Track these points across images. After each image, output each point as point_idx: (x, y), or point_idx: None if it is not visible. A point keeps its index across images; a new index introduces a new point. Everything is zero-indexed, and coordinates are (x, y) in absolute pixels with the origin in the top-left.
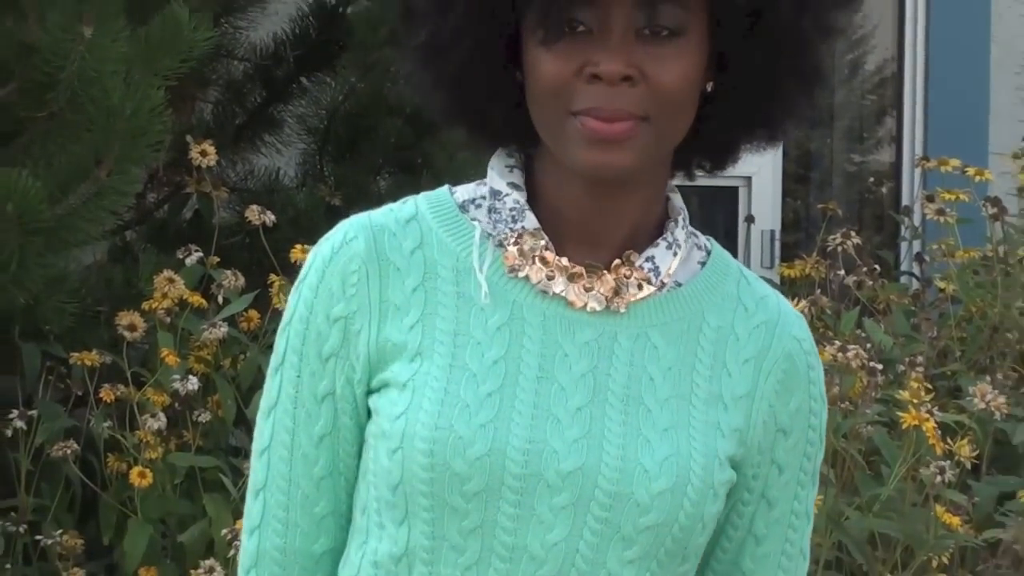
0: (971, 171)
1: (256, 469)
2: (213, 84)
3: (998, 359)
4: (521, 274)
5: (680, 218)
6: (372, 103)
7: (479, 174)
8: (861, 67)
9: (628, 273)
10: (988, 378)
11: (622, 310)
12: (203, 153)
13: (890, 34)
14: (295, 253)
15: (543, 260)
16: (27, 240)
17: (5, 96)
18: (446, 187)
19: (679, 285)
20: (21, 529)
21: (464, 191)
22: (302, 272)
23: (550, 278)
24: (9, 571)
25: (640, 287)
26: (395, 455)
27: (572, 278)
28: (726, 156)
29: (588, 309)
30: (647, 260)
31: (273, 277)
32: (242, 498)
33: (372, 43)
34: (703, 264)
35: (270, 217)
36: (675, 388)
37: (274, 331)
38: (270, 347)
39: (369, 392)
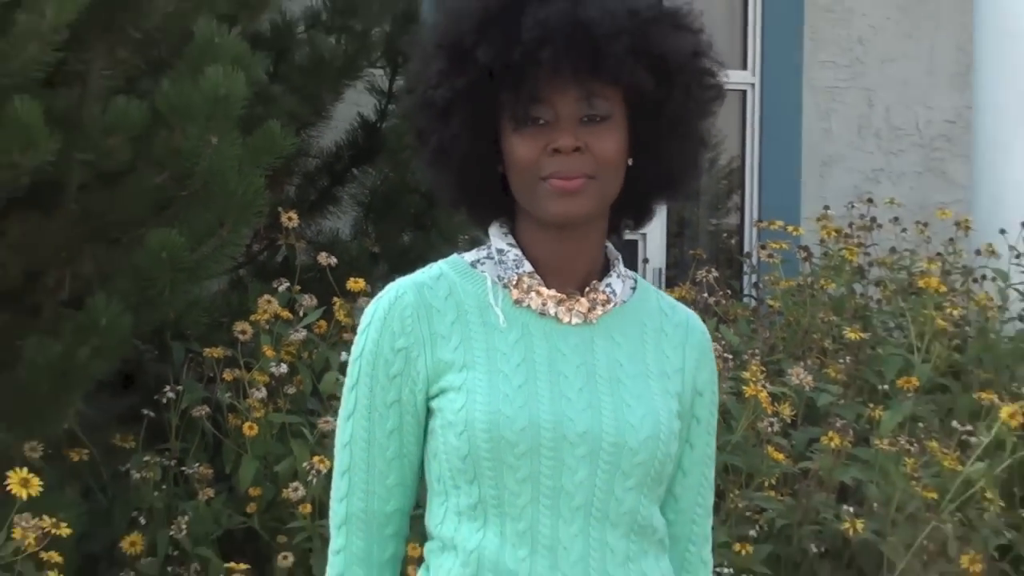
0: (790, 229)
1: (341, 457)
2: (296, 173)
3: (807, 352)
4: (524, 304)
5: (618, 260)
6: (399, 186)
7: (470, 230)
8: (716, 162)
9: (595, 297)
10: (801, 364)
11: (594, 321)
12: (289, 219)
13: (735, 141)
14: (350, 284)
15: (538, 292)
16: (175, 275)
17: (161, 181)
18: (456, 254)
19: (624, 303)
20: (172, 463)
21: (470, 255)
22: (365, 320)
23: (544, 304)
24: (164, 491)
25: (604, 305)
26: (462, 435)
27: (559, 303)
28: (645, 215)
29: (572, 323)
30: (607, 287)
31: (336, 299)
32: (317, 443)
33: (399, 147)
34: (633, 289)
35: (333, 260)
36: (637, 368)
37: (337, 335)
38: (335, 344)
39: (429, 398)
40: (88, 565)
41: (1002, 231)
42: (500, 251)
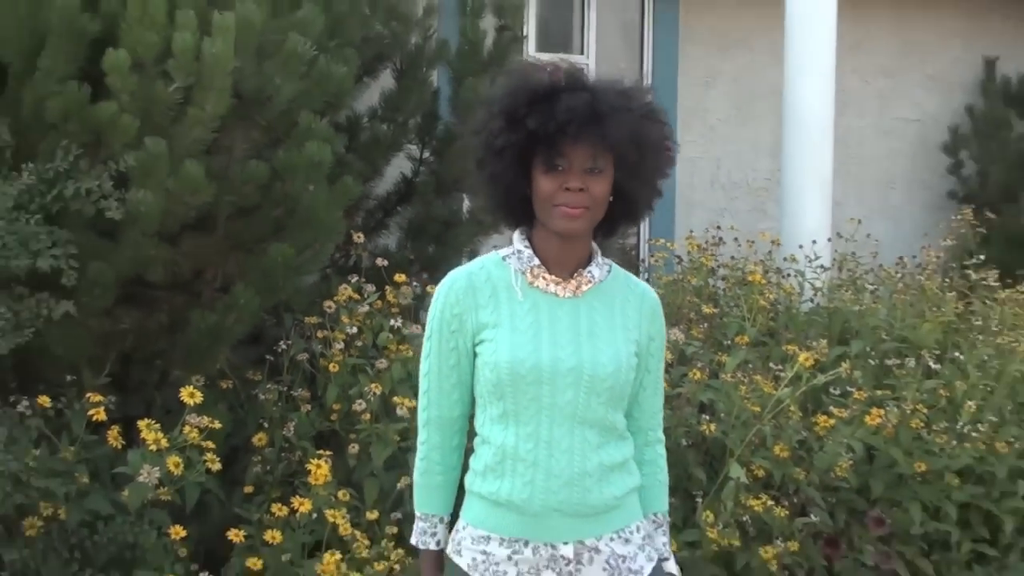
0: (670, 245)
1: (422, 383)
2: (361, 210)
3: (680, 320)
4: (534, 285)
5: (598, 254)
6: (426, 217)
7: (472, 246)
8: None
9: (581, 279)
10: (676, 327)
11: (580, 295)
12: (358, 238)
13: None
14: (396, 278)
15: (543, 278)
16: (287, 272)
17: (278, 214)
18: (494, 251)
19: (601, 282)
20: (284, 389)
21: (503, 252)
22: (435, 295)
23: (547, 285)
24: (279, 407)
25: (587, 284)
26: (493, 370)
27: (557, 284)
28: (615, 231)
29: (565, 297)
30: (589, 272)
31: (387, 287)
32: (375, 376)
33: (426, 193)
34: (608, 272)
35: (385, 263)
36: (607, 325)
37: (388, 310)
38: (387, 316)
39: (474, 345)
40: (231, 453)
41: (800, 246)
42: (519, 251)
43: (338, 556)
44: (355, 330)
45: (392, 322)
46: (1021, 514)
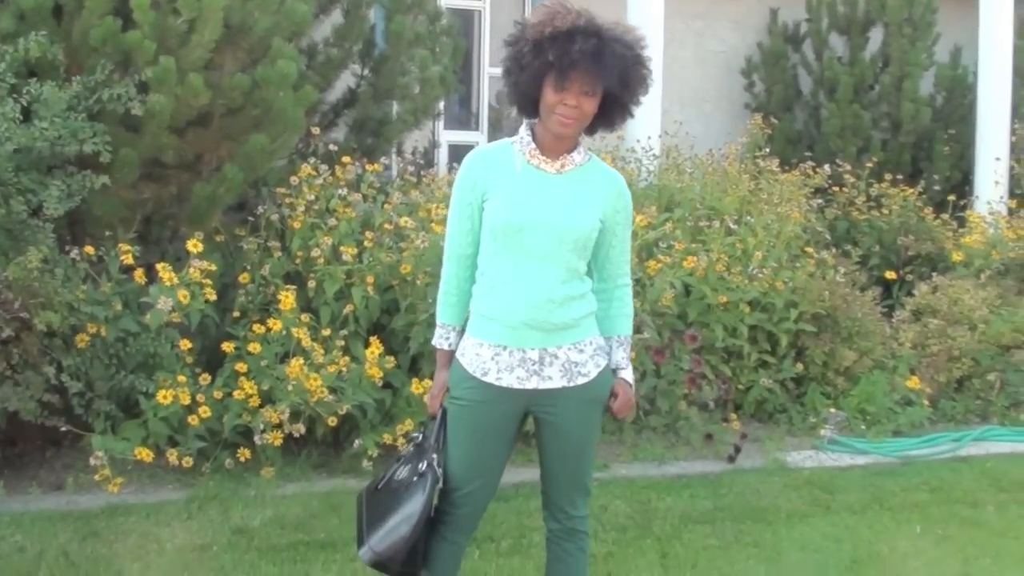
0: None
1: (447, 229)
2: (318, 112)
3: None
4: (531, 163)
5: (581, 146)
6: (365, 119)
7: (399, 137)
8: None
9: (565, 161)
10: None
11: (563, 173)
12: (316, 131)
13: None
14: (343, 159)
15: (538, 158)
16: (263, 156)
17: (257, 113)
18: (507, 137)
19: (581, 166)
20: (261, 241)
21: (512, 138)
22: (461, 167)
23: (539, 164)
24: (258, 254)
25: (569, 166)
26: (493, 221)
27: (547, 163)
28: (593, 133)
29: (552, 173)
30: (572, 157)
31: (336, 168)
32: (327, 232)
33: (365, 101)
34: (588, 159)
35: (334, 148)
36: (580, 196)
37: (335, 183)
38: (339, 186)
39: (482, 203)
40: (223, 289)
41: (638, 140)
42: (522, 138)
43: (301, 361)
44: (313, 198)
45: (340, 192)
46: (792, 333)
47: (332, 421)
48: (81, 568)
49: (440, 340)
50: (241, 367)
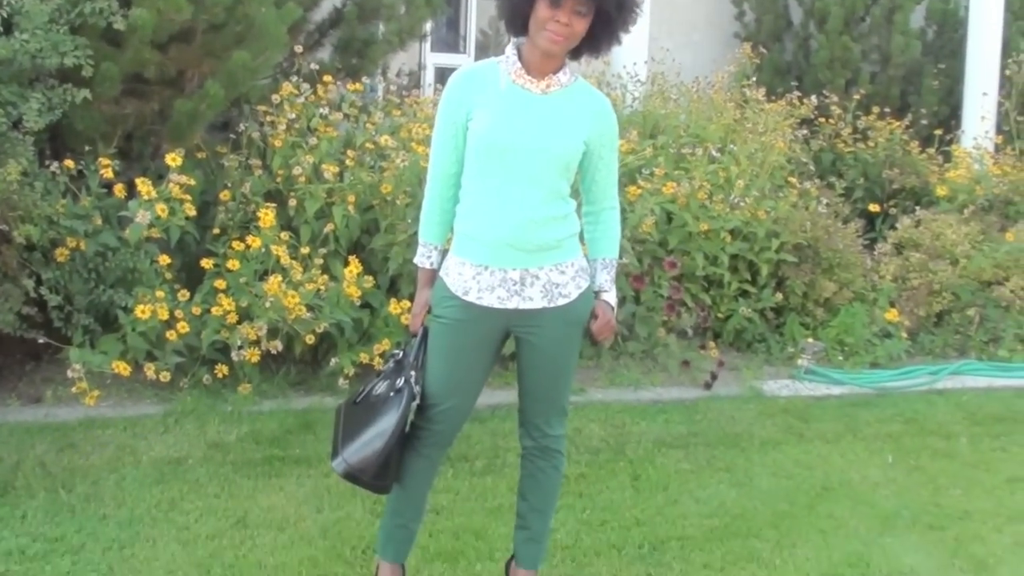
0: None
1: (431, 148)
2: (303, 31)
3: None
4: (516, 82)
5: (566, 66)
6: (351, 38)
7: (377, 58)
8: None
9: (550, 82)
10: None
11: (548, 94)
12: (298, 49)
13: None
14: (325, 78)
15: (523, 77)
16: (245, 73)
17: (240, 29)
18: (493, 56)
19: (566, 87)
20: (243, 159)
21: (499, 58)
22: (446, 88)
23: (524, 84)
24: (239, 171)
25: (555, 87)
26: (476, 141)
27: (532, 83)
28: (579, 57)
29: (537, 94)
30: (557, 78)
31: (319, 87)
32: (309, 151)
33: (350, 20)
34: (574, 80)
35: (315, 67)
36: (564, 117)
37: (320, 104)
38: (321, 105)
39: (467, 122)
40: (204, 206)
41: (624, 67)
42: (508, 56)
43: (279, 279)
44: (294, 116)
45: (321, 111)
46: (773, 263)
47: (310, 339)
48: (58, 478)
49: (422, 259)
50: (220, 284)
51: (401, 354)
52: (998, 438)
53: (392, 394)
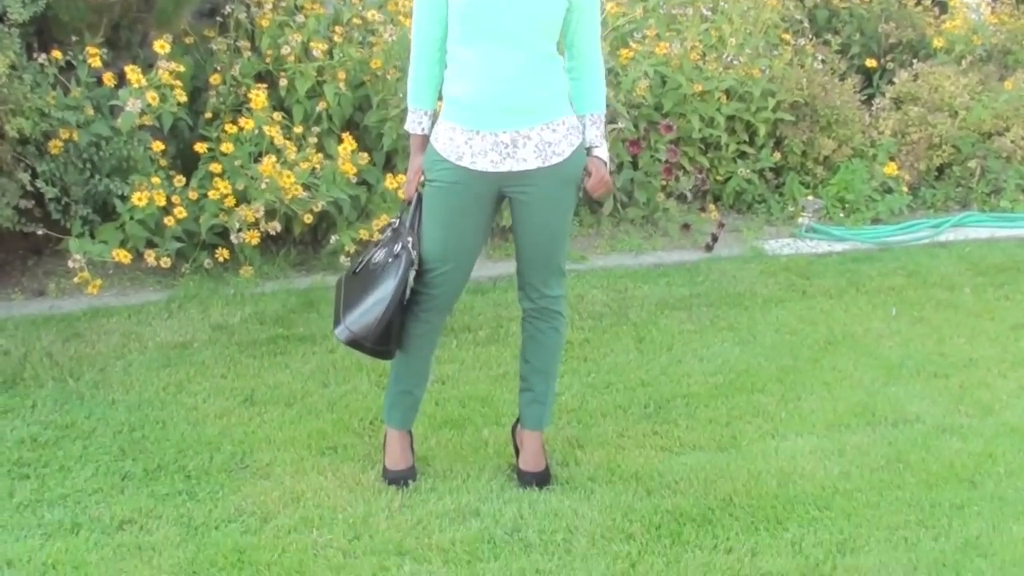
0: None
1: (414, 16)
2: None
3: None
4: None
5: None
6: None
7: None
8: None
9: None
10: None
11: None
12: None
13: None
14: None
15: None
16: None
17: None
18: None
19: None
20: (231, 42)
21: None
22: None
23: None
24: (227, 54)
25: None
26: (461, 6)
27: None
28: None
29: None
30: None
31: None
32: (296, 29)
33: None
34: None
35: None
36: None
37: None
38: None
39: None
40: (194, 92)
41: None
42: None
43: (274, 159)
44: None
45: None
46: (771, 122)
47: (308, 218)
48: (65, 367)
49: (413, 125)
50: (215, 168)
51: (398, 222)
52: (1001, 287)
53: (390, 260)
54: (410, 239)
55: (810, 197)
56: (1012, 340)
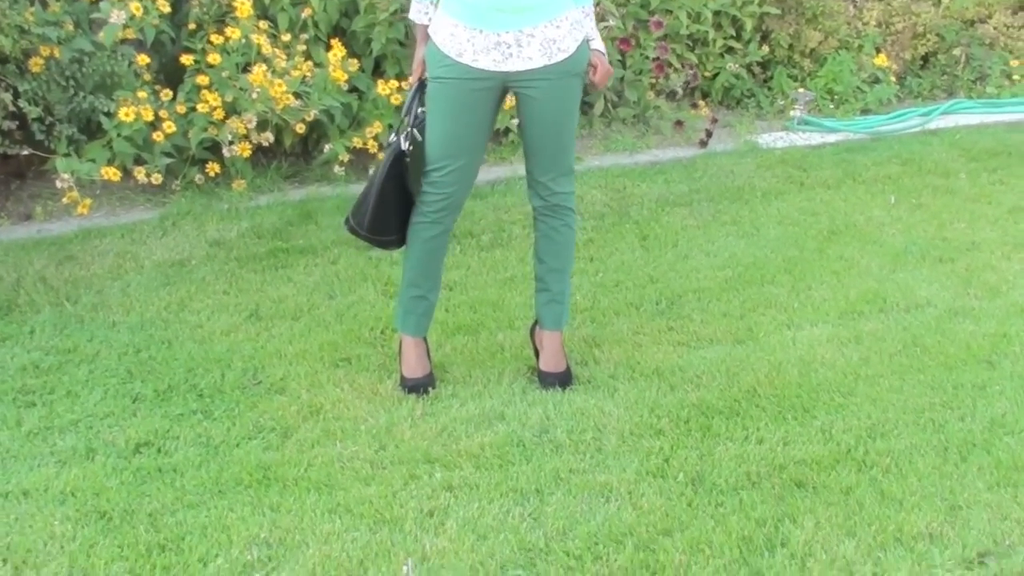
0: None
1: None
2: None
3: None
4: None
5: None
6: None
7: None
8: None
9: None
10: None
11: None
12: None
13: None
14: None
15: None
16: None
17: None
18: None
19: None
20: None
21: None
22: None
23: None
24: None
25: None
26: None
27: None
28: None
29: None
30: None
31: None
32: None
33: None
34: None
35: None
36: None
37: None
38: None
39: None
40: (176, 3)
41: None
42: None
43: (264, 68)
44: None
45: None
46: (757, 16)
47: (300, 128)
48: (60, 291)
49: (419, 14)
50: (202, 80)
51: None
52: (995, 172)
53: (388, 149)
54: (406, 120)
55: (801, 89)
56: (1012, 223)
